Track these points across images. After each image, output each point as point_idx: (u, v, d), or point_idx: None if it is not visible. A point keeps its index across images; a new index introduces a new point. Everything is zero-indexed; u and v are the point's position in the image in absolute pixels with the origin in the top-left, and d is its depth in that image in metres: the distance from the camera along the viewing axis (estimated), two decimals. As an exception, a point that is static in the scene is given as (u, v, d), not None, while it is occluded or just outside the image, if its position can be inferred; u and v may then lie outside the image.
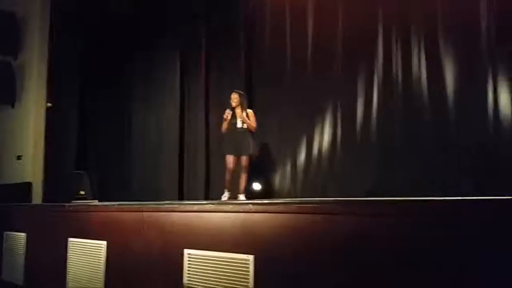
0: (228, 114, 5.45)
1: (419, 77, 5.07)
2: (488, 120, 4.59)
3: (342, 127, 5.58)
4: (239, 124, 5.46)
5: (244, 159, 5.47)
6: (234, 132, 5.48)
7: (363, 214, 2.67)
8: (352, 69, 5.55)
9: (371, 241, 2.55)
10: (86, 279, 4.29)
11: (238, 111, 5.51)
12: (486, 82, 4.64)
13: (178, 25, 7.27)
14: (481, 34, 4.72)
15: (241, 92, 5.63)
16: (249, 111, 5.59)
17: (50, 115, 6.85)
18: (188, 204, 3.83)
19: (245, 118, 5.47)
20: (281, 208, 3.04)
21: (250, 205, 3.25)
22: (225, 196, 5.46)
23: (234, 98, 5.54)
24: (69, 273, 4.51)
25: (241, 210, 3.23)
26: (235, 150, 5.46)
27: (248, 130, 5.51)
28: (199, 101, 6.94)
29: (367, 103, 5.41)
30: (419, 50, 5.12)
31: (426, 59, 5.05)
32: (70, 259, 4.53)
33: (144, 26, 7.52)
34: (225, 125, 5.52)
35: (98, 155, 7.78)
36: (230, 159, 5.45)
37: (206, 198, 6.48)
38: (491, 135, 4.57)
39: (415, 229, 2.42)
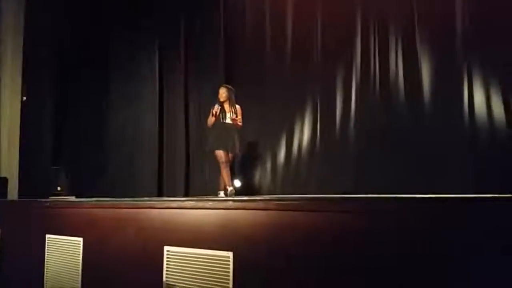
0: (217, 109, 5.28)
1: (396, 76, 5.19)
2: (464, 118, 4.72)
3: (321, 125, 5.67)
4: (227, 120, 5.31)
5: (229, 155, 5.34)
6: (223, 127, 5.30)
7: (341, 211, 2.72)
8: (331, 68, 5.64)
9: (349, 238, 2.60)
10: (64, 276, 4.25)
11: (226, 106, 5.35)
12: (461, 80, 4.78)
13: (158, 20, 7.22)
14: (456, 34, 4.86)
15: (229, 87, 5.46)
16: (237, 107, 5.43)
17: (26, 109, 6.71)
18: (167, 201, 3.83)
19: (234, 119, 5.30)
20: (260, 205, 3.07)
21: (230, 201, 3.28)
22: (231, 190, 5.16)
23: (222, 93, 5.38)
24: (47, 270, 4.46)
25: (221, 207, 3.25)
26: (225, 145, 5.27)
27: (235, 126, 5.37)
28: (178, 96, 6.93)
29: (346, 101, 5.51)
30: (397, 49, 5.24)
31: (403, 58, 5.18)
32: (48, 256, 4.48)
33: (123, 21, 7.44)
34: (211, 120, 5.32)
35: (75, 150, 7.68)
36: (221, 154, 5.23)
37: (186, 194, 6.48)
38: (467, 133, 4.70)
39: (394, 226, 2.47)
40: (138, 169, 7.15)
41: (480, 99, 4.69)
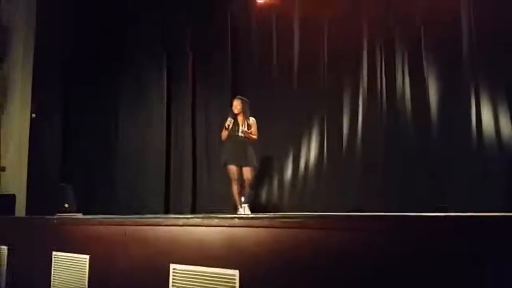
0: (230, 122, 5.18)
1: (403, 93, 5.22)
2: (472, 135, 4.72)
3: (328, 142, 5.68)
4: (241, 133, 5.21)
5: (247, 171, 5.16)
6: (236, 141, 5.19)
7: (347, 229, 2.73)
8: (337, 85, 5.67)
9: (357, 257, 2.61)
10: (70, 293, 4.27)
11: (240, 118, 5.25)
12: (469, 96, 4.79)
13: (166, 37, 7.33)
14: (462, 49, 4.88)
15: (244, 99, 5.37)
16: (252, 119, 5.31)
17: (34, 126, 6.81)
18: (173, 218, 3.84)
19: (246, 132, 5.20)
20: (265, 222, 3.08)
21: (236, 219, 3.29)
22: (241, 210, 5.08)
23: (237, 105, 5.27)
24: (53, 286, 4.48)
25: (227, 224, 3.26)
26: (238, 160, 5.15)
27: (250, 140, 5.24)
28: (185, 112, 6.99)
29: (353, 118, 5.54)
30: (403, 66, 5.28)
31: (410, 75, 5.21)
32: (54, 273, 4.49)
33: (130, 34, 7.56)
34: (225, 134, 5.22)
35: (83, 167, 7.75)
36: (233, 170, 5.13)
37: (193, 211, 6.49)
38: (474, 150, 4.70)
39: (402, 244, 2.47)
40: (145, 185, 7.19)
41: (488, 117, 4.70)
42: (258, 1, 6.45)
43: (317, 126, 5.79)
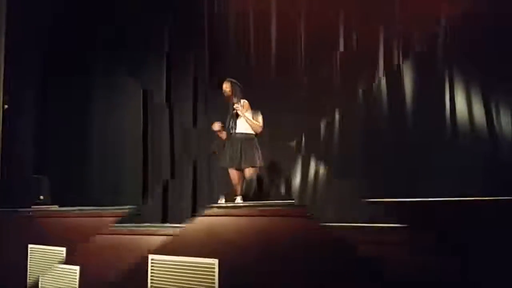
0: (218, 126, 4.81)
1: (380, 88, 5.31)
2: (446, 126, 4.84)
3: (306, 135, 5.72)
4: (237, 129, 4.79)
5: (249, 171, 4.70)
6: (233, 141, 4.76)
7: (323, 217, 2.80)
8: (315, 79, 5.71)
9: (334, 243, 2.68)
10: (47, 285, 4.25)
11: (236, 108, 4.77)
12: (443, 90, 4.90)
13: (141, 24, 7.24)
14: (437, 44, 4.99)
15: (233, 80, 4.98)
16: (243, 101, 4.86)
17: (7, 116, 6.69)
18: (151, 209, 3.87)
19: (237, 107, 4.73)
20: (244, 211, 3.14)
21: (214, 209, 3.33)
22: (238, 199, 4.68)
23: (226, 88, 4.90)
24: (29, 280, 4.45)
25: (205, 214, 3.30)
26: (237, 162, 4.68)
27: (251, 134, 4.80)
28: (162, 100, 6.95)
29: (330, 113, 5.61)
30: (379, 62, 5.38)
31: (385, 70, 5.30)
32: (31, 265, 4.47)
33: (105, 24, 7.45)
34: (223, 135, 4.87)
35: (58, 159, 7.64)
36: (233, 174, 4.71)
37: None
38: (448, 140, 4.83)
39: (371, 231, 2.55)
40: (122, 176, 7.14)
41: (462, 109, 4.84)
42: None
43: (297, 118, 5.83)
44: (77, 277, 4.07)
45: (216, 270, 3.12)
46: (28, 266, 4.47)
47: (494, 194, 2.56)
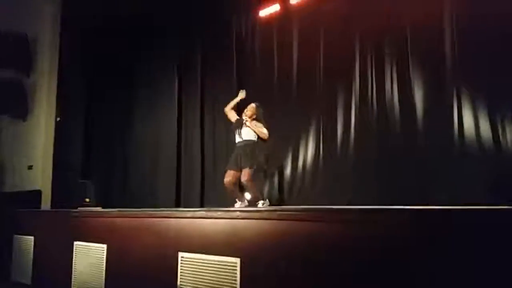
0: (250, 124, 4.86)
1: (392, 98, 5.23)
2: (453, 134, 4.71)
3: (323, 142, 5.69)
4: (243, 137, 4.87)
5: (243, 173, 4.70)
6: (236, 149, 4.90)
7: (339, 221, 2.74)
8: (332, 92, 5.69)
9: (346, 245, 2.62)
10: (89, 279, 4.31)
11: (250, 121, 4.89)
12: (451, 102, 4.77)
13: (175, 43, 7.40)
14: (445, 55, 4.87)
15: (259, 105, 5.05)
16: (257, 123, 4.93)
17: (59, 128, 6.88)
18: (181, 211, 3.88)
19: (249, 121, 4.86)
20: (264, 215, 3.11)
21: (238, 212, 3.31)
22: (237, 204, 4.81)
23: (250, 112, 4.95)
24: (74, 273, 4.53)
25: (229, 217, 3.29)
26: (233, 164, 4.82)
27: (256, 140, 4.86)
28: (195, 115, 7.02)
29: (346, 121, 5.55)
30: (391, 72, 5.29)
31: (398, 81, 5.21)
32: (75, 260, 4.55)
33: (144, 44, 7.64)
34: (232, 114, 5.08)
35: (102, 165, 7.82)
36: (228, 173, 4.81)
37: (202, 206, 6.52)
38: (456, 148, 4.68)
39: (392, 236, 2.47)
40: (158, 181, 7.24)
41: (469, 117, 4.68)
42: (261, 15, 6.47)
43: (314, 127, 5.80)
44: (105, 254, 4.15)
45: (238, 268, 3.09)
46: (73, 260, 4.55)
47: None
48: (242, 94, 5.21)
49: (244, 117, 4.93)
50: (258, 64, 6.48)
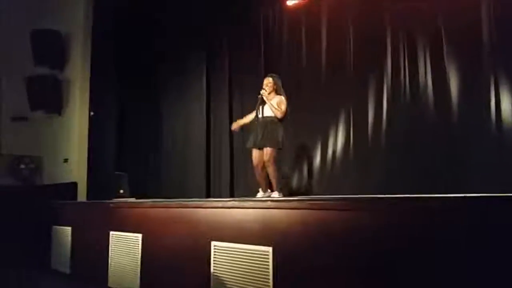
0: (265, 95, 4.73)
1: (425, 85, 5.09)
2: (491, 126, 4.56)
3: (354, 132, 5.63)
4: (265, 113, 4.74)
5: (266, 151, 4.61)
6: (258, 124, 4.75)
7: (369, 210, 2.73)
8: (363, 78, 5.60)
9: (378, 235, 2.61)
10: (125, 267, 4.45)
11: (271, 95, 4.77)
12: (488, 89, 4.62)
13: (205, 35, 7.44)
14: (482, 43, 4.70)
15: (274, 75, 4.93)
16: (279, 97, 4.79)
17: (92, 122, 7.07)
18: (213, 201, 3.94)
19: (264, 93, 4.73)
20: (295, 204, 3.12)
21: (269, 201, 3.35)
22: (259, 194, 4.79)
23: (268, 83, 4.81)
24: (111, 261, 4.67)
25: (260, 206, 3.32)
26: (256, 142, 4.69)
27: (276, 118, 4.70)
28: (223, 107, 7.08)
29: (377, 110, 5.45)
30: (425, 60, 5.15)
31: (432, 68, 5.07)
32: (112, 249, 4.69)
33: (172, 37, 7.73)
34: (255, 113, 4.85)
35: (134, 157, 8.00)
36: (254, 154, 4.72)
37: (231, 195, 6.59)
38: (494, 139, 4.54)
39: (423, 225, 2.45)
40: (188, 172, 7.36)
41: (507, 107, 4.52)
42: (288, 4, 6.43)
43: (344, 115, 5.75)
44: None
45: (271, 257, 3.13)
46: (110, 249, 4.70)
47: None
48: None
49: (262, 92, 4.76)
50: (286, 54, 6.45)
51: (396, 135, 5.26)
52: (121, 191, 6.61)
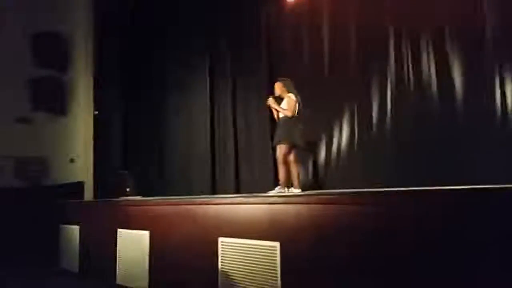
0: (270, 101, 4.93)
1: (429, 77, 5.06)
2: (496, 116, 4.53)
3: (358, 124, 5.61)
4: (280, 114, 4.96)
5: (279, 150, 4.79)
6: (278, 123, 5.00)
7: (378, 204, 2.73)
8: (366, 72, 5.58)
9: (385, 228, 2.61)
10: (134, 264, 4.47)
11: (269, 102, 4.96)
12: (493, 79, 4.59)
13: (205, 33, 7.45)
14: (485, 33, 4.67)
15: (284, 79, 5.08)
16: (289, 95, 4.92)
17: (97, 121, 7.10)
18: (220, 197, 3.95)
19: (272, 101, 4.90)
20: (301, 199, 3.13)
21: (275, 197, 3.35)
22: (276, 188, 4.76)
23: (277, 89, 5.02)
24: (119, 259, 4.70)
25: (267, 202, 3.33)
26: (274, 140, 4.94)
27: (287, 117, 4.83)
28: (227, 104, 7.08)
29: (382, 101, 5.43)
30: (428, 52, 5.11)
31: (435, 60, 5.03)
32: (120, 247, 4.71)
33: (174, 37, 7.74)
34: (275, 113, 5.09)
35: (140, 156, 8.03)
36: (280, 149, 4.80)
37: (237, 192, 6.61)
38: (498, 131, 4.52)
39: (430, 217, 2.45)
40: (193, 170, 7.37)
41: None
42: (289, 0, 6.42)
43: (348, 110, 5.72)
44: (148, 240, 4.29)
45: (278, 251, 3.14)
46: (117, 246, 4.72)
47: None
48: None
49: (268, 100, 4.96)
50: (289, 49, 6.43)
51: (401, 129, 5.24)
52: (127, 189, 6.64)
